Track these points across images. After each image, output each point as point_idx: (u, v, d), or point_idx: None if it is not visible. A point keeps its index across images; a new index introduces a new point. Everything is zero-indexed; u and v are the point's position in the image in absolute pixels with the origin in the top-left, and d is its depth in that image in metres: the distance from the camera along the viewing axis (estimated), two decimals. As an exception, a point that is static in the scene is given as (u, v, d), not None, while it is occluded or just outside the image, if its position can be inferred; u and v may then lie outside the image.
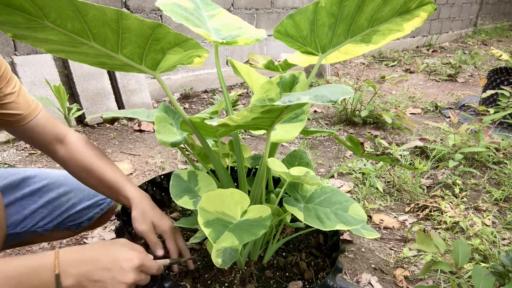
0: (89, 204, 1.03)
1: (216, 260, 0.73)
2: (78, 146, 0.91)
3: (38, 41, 0.58)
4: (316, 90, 0.52)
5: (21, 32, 0.55)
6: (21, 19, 0.52)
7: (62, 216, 0.99)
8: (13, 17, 0.52)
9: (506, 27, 8.20)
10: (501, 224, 1.52)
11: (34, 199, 0.97)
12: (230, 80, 3.53)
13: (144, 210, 0.83)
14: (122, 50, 0.63)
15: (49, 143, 0.90)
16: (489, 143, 1.97)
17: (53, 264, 0.60)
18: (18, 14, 0.51)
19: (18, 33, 0.55)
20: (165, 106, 0.97)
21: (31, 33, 0.55)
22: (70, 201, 1.01)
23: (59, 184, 1.01)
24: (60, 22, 0.54)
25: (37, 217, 0.96)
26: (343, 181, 1.83)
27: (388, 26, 0.76)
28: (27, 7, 0.51)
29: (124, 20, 0.57)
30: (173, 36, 0.63)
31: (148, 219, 0.81)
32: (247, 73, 0.83)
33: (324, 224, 0.69)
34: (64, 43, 0.59)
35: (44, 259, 0.60)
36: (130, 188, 0.86)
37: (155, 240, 0.81)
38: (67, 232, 1.04)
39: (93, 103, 2.45)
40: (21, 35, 0.56)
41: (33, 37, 0.57)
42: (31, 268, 0.59)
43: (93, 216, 1.04)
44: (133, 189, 0.86)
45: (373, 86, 2.49)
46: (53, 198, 0.98)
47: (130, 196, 0.85)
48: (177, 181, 0.85)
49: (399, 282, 1.19)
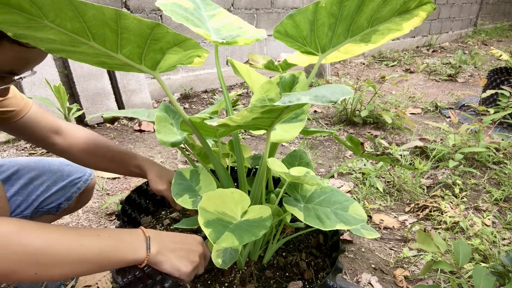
0: (64, 184, 1.02)
1: (216, 260, 0.73)
2: (76, 132, 0.95)
3: (39, 40, 0.58)
4: (316, 90, 0.52)
5: (21, 31, 0.55)
6: (20, 18, 0.52)
7: (38, 200, 0.99)
8: (12, 16, 0.52)
9: (506, 27, 8.20)
10: (501, 224, 1.52)
11: (6, 188, 0.96)
12: (230, 80, 3.53)
13: (159, 171, 0.93)
14: (122, 50, 0.63)
15: (45, 136, 0.92)
16: (489, 143, 1.97)
17: (141, 232, 0.69)
18: (17, 13, 0.51)
19: (18, 32, 0.55)
20: (166, 106, 0.97)
21: (31, 32, 0.55)
22: (44, 184, 1.00)
23: (30, 169, 1.00)
24: (60, 21, 0.54)
25: (13, 205, 0.96)
26: (343, 181, 1.83)
27: (387, 25, 0.76)
28: (25, 6, 0.51)
29: (123, 20, 0.57)
30: (172, 36, 0.63)
31: (164, 178, 0.91)
32: (247, 73, 0.83)
33: (324, 224, 0.69)
34: (64, 42, 0.59)
35: (132, 230, 0.70)
36: (139, 157, 0.96)
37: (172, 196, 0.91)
38: (48, 217, 1.03)
39: (93, 103, 2.45)
40: (21, 34, 0.56)
41: (33, 37, 0.57)
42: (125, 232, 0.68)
43: (71, 196, 1.03)
44: (141, 157, 0.96)
45: (373, 86, 2.49)
46: (25, 184, 0.98)
47: (141, 163, 0.94)
48: (179, 179, 0.85)
49: (399, 282, 1.19)
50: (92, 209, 1.51)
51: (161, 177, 0.92)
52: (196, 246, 0.75)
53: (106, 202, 1.49)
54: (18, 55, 0.64)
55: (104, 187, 1.66)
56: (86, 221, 1.43)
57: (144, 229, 0.71)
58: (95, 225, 1.40)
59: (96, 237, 0.63)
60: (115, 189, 1.66)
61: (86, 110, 2.40)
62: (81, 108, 2.39)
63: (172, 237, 0.74)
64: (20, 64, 0.66)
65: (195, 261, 0.72)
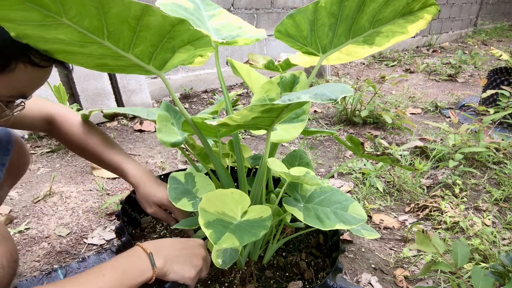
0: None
1: (216, 260, 0.73)
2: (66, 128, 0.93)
3: (43, 41, 0.56)
4: (315, 88, 0.52)
5: (27, 31, 0.53)
6: (37, 15, 0.50)
7: None
8: (29, 13, 0.49)
9: (506, 27, 8.19)
10: (501, 224, 1.52)
11: None
12: (230, 80, 3.53)
13: (145, 193, 0.91)
14: (134, 49, 0.62)
15: (41, 128, 0.92)
16: (489, 143, 1.97)
17: (141, 250, 0.69)
18: (37, 10, 0.49)
19: (22, 32, 0.54)
20: (167, 105, 0.97)
21: (40, 31, 0.54)
22: None
23: None
24: (79, 19, 0.53)
25: None
26: (343, 181, 1.83)
27: (391, 27, 0.75)
28: (47, 3, 0.48)
29: (147, 16, 0.56)
30: (192, 32, 0.62)
31: (150, 200, 0.90)
32: (247, 73, 0.83)
33: (324, 224, 0.69)
34: (73, 42, 0.57)
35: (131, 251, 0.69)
36: (128, 169, 0.93)
37: (165, 216, 0.93)
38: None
39: (93, 103, 2.45)
40: (25, 34, 0.54)
41: (39, 37, 0.55)
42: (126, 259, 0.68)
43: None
44: (131, 173, 0.93)
45: (373, 86, 2.49)
46: None
47: (130, 180, 0.93)
48: (174, 184, 0.85)
49: (399, 282, 1.19)
50: (92, 209, 1.51)
51: (147, 199, 0.91)
52: (198, 249, 0.76)
53: (106, 202, 1.49)
54: (31, 77, 0.64)
55: (104, 187, 1.66)
56: (86, 221, 1.43)
57: (142, 245, 0.70)
58: (95, 225, 1.40)
59: (102, 276, 0.63)
60: (115, 189, 1.66)
61: (86, 110, 2.41)
62: (81, 108, 2.39)
63: (173, 244, 0.74)
64: (30, 86, 0.67)
65: (198, 265, 0.73)
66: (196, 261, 0.73)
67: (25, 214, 1.46)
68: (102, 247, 1.29)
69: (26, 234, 1.34)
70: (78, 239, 1.33)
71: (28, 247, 1.28)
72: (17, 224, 1.39)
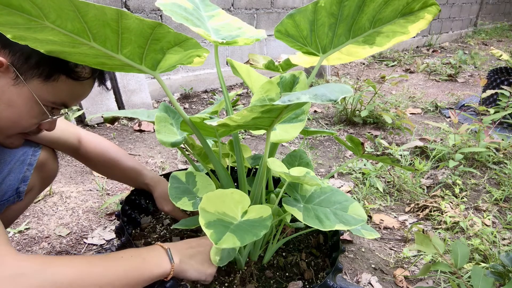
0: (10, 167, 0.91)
1: (214, 258, 0.74)
2: (93, 146, 1.03)
3: (38, 42, 0.58)
4: (315, 89, 0.52)
5: (20, 33, 0.55)
6: (20, 19, 0.52)
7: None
8: (12, 18, 0.52)
9: (506, 27, 8.19)
10: (501, 224, 1.52)
11: None
12: (230, 80, 3.53)
13: (164, 191, 0.98)
14: (122, 50, 0.63)
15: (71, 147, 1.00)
16: (489, 143, 1.97)
17: (159, 246, 0.72)
18: (18, 14, 0.51)
19: (17, 34, 0.55)
20: (165, 106, 0.97)
21: (31, 34, 0.55)
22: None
23: None
24: (60, 22, 0.54)
25: None
26: (343, 181, 1.83)
27: (391, 27, 0.75)
28: (26, 7, 0.51)
29: (124, 20, 0.57)
30: (173, 35, 0.63)
31: (168, 199, 0.92)
32: (247, 73, 0.83)
33: (323, 224, 0.69)
34: (64, 43, 0.59)
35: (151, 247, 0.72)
36: (147, 174, 1.04)
37: (181, 215, 0.97)
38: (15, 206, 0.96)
39: (93, 103, 2.44)
40: (21, 36, 0.56)
41: (33, 38, 0.57)
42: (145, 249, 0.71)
43: (26, 176, 0.94)
44: (149, 175, 1.04)
45: (373, 86, 2.49)
46: None
47: (147, 182, 1.02)
48: (175, 183, 0.85)
49: (399, 282, 1.19)
50: (92, 209, 1.51)
51: (166, 197, 0.96)
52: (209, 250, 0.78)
53: (106, 202, 1.49)
54: (71, 89, 0.71)
55: (104, 187, 1.66)
56: (86, 221, 1.43)
57: (161, 243, 0.73)
58: (95, 225, 1.41)
59: (120, 259, 0.65)
60: (115, 189, 1.66)
61: (86, 110, 2.40)
62: (81, 108, 2.39)
63: (188, 243, 0.77)
64: (72, 98, 0.74)
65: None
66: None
67: (25, 214, 1.46)
68: (102, 247, 1.29)
69: (26, 234, 1.34)
70: (78, 239, 1.33)
71: (28, 247, 1.28)
72: (17, 224, 1.39)
